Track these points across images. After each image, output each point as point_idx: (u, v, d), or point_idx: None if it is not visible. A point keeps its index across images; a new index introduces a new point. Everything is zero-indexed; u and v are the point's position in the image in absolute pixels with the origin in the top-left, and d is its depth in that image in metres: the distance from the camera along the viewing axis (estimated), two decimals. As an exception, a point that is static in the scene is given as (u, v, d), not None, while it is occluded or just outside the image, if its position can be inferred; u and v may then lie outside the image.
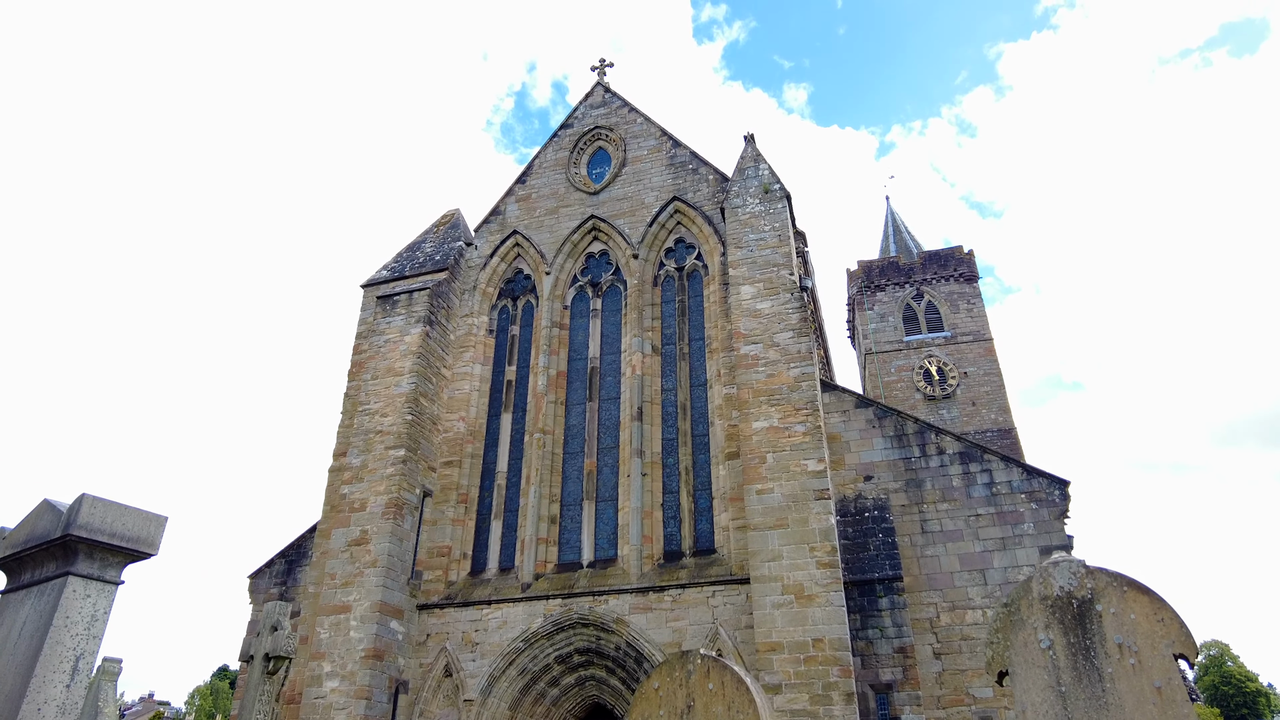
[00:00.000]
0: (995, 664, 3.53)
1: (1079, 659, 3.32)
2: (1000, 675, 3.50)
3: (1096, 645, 3.30)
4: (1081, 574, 3.44)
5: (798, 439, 15.40)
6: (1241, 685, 65.00)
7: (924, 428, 16.42)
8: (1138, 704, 3.16)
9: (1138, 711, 3.15)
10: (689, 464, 17.44)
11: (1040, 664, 3.40)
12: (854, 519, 15.50)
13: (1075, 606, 3.39)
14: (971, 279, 36.56)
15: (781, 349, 16.48)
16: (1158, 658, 3.19)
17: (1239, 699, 64.09)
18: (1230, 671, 65.70)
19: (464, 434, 18.95)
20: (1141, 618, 3.27)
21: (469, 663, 16.45)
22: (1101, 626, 3.32)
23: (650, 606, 15.79)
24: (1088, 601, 3.38)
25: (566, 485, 18.18)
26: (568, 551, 17.46)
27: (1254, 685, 65.57)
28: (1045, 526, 14.87)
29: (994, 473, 15.49)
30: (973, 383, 33.74)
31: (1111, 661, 3.26)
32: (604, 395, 18.87)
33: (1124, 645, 3.26)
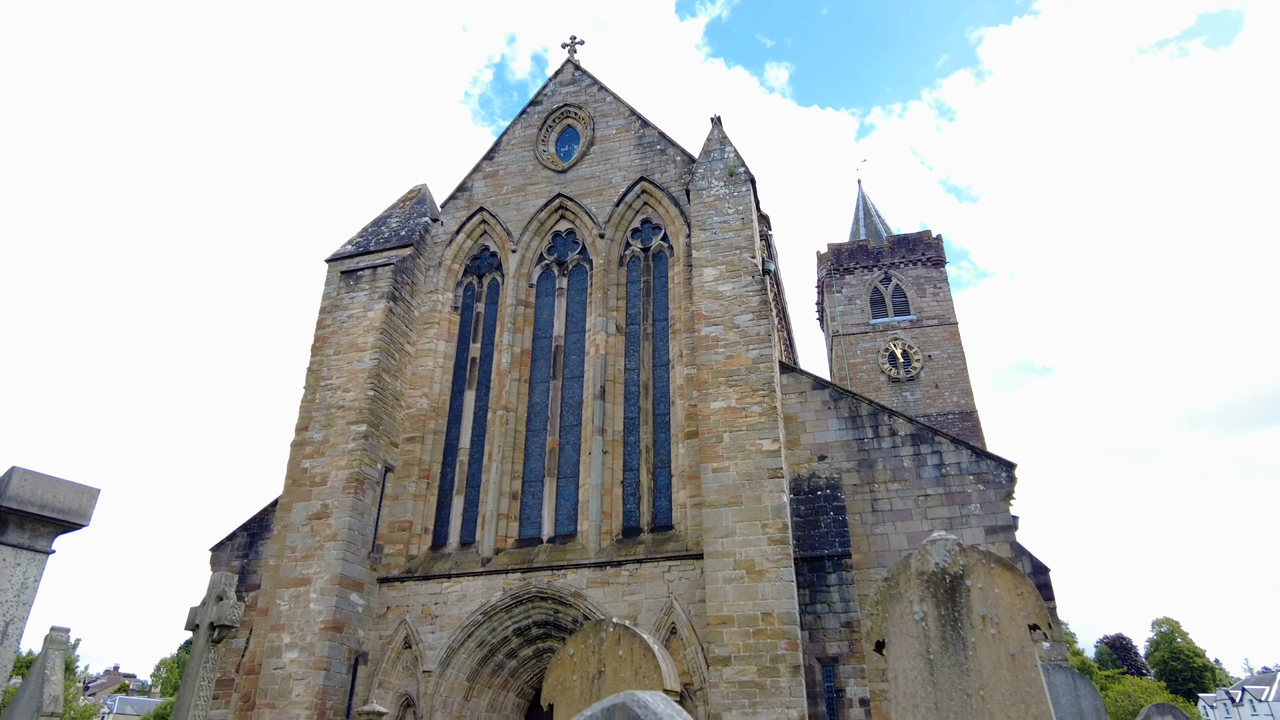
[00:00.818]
0: (873, 634, 3.79)
1: (948, 629, 3.60)
2: (878, 644, 3.77)
3: (964, 617, 3.58)
4: (955, 552, 3.70)
5: (754, 419, 15.70)
6: (1189, 660, 67.26)
7: (877, 409, 16.80)
8: (994, 669, 3.44)
9: (994, 676, 3.43)
10: (649, 442, 17.71)
11: (914, 634, 3.67)
12: (807, 497, 15.87)
13: (948, 582, 3.66)
14: (939, 263, 37.08)
15: (741, 331, 16.73)
16: (1015, 628, 3.47)
17: (1186, 673, 66.34)
18: (1179, 647, 67.89)
19: (427, 410, 19.05)
20: (1004, 592, 3.55)
21: (428, 635, 16.70)
22: (969, 600, 3.59)
23: (607, 581, 16.10)
24: (959, 577, 3.65)
25: (528, 462, 18.38)
26: (528, 527, 17.70)
27: (1201, 660, 67.87)
28: (991, 507, 15.34)
29: (944, 454, 15.91)
30: (936, 366, 34.35)
31: (975, 631, 3.53)
32: (568, 374, 19.04)
33: (987, 617, 3.54)
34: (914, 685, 3.59)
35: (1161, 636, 70.30)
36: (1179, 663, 66.65)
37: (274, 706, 15.53)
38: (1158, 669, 68.80)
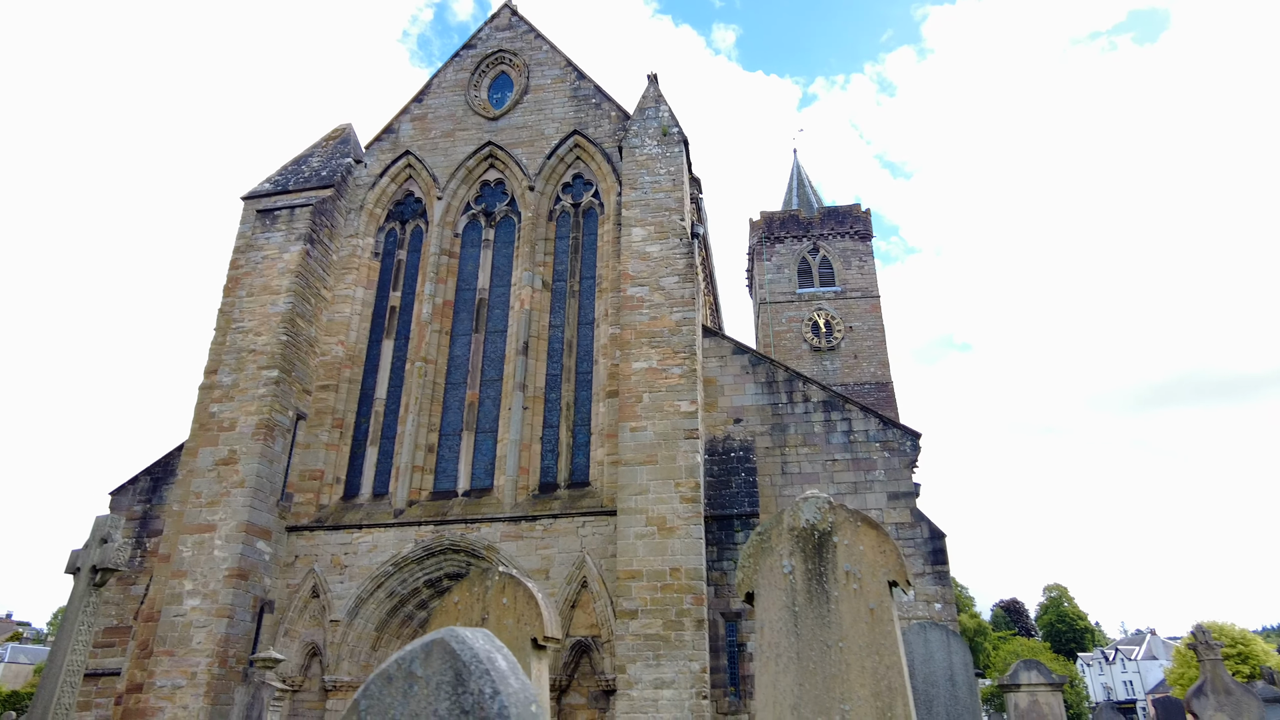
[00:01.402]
0: (744, 585, 3.92)
1: (813, 583, 3.74)
2: (749, 595, 3.90)
3: (829, 571, 3.73)
4: (826, 509, 3.84)
5: (674, 381, 15.86)
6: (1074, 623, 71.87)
7: (793, 376, 17.17)
8: (854, 622, 3.61)
9: (853, 629, 3.60)
10: (571, 400, 17.71)
11: (781, 586, 3.80)
12: (721, 458, 16.19)
13: (816, 537, 3.80)
14: (866, 237, 37.82)
15: (666, 293, 16.79)
16: (876, 583, 3.64)
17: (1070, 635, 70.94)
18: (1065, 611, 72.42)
19: (342, 358, 18.60)
20: (868, 549, 3.70)
21: (337, 584, 16.52)
22: (835, 555, 3.74)
23: (521, 535, 16.17)
24: (827, 534, 3.79)
25: (446, 415, 18.18)
26: (444, 480, 17.58)
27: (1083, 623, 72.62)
28: (895, 474, 15.95)
29: (853, 421, 16.41)
30: (857, 337, 35.23)
31: (839, 585, 3.69)
32: (490, 327, 18.82)
33: (851, 572, 3.69)
34: (778, 635, 3.73)
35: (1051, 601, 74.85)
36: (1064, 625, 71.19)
37: (173, 654, 15.18)
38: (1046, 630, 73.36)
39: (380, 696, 1.76)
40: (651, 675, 13.78)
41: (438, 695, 1.69)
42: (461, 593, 4.64)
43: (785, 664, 3.68)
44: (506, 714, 1.62)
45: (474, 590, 4.60)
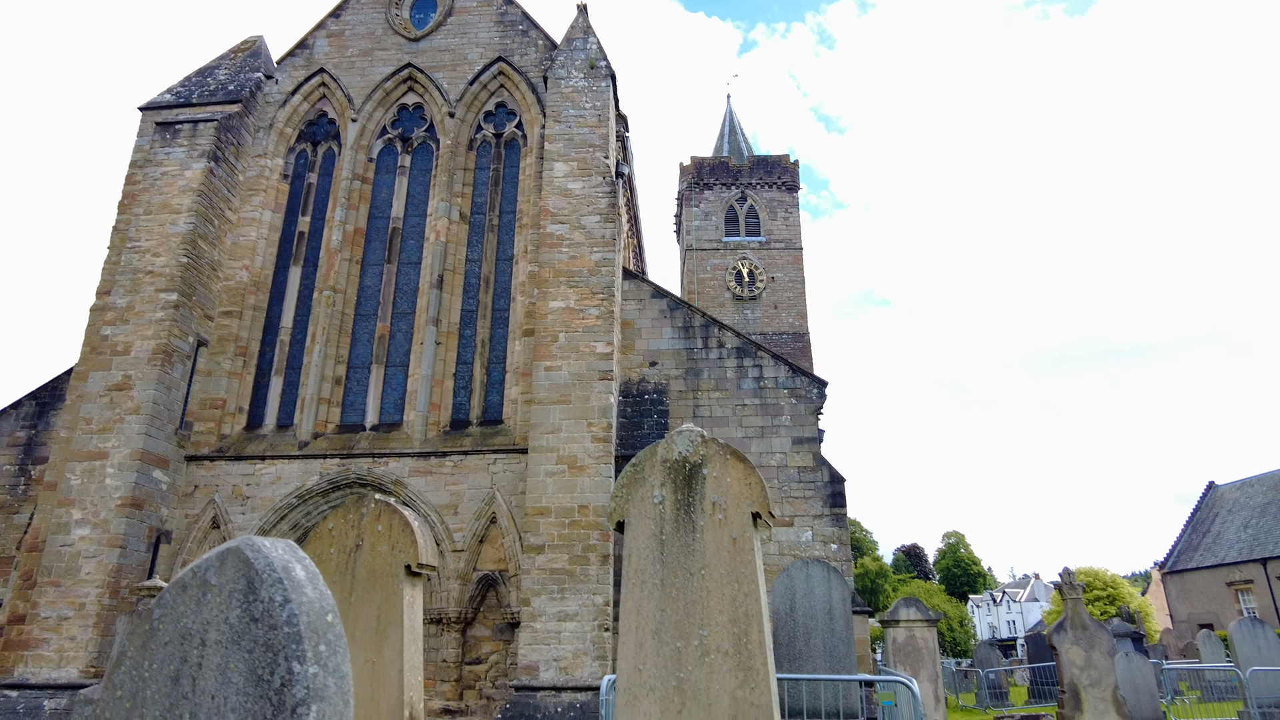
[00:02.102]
0: (615, 514, 3.97)
1: (681, 513, 3.81)
2: (620, 524, 3.95)
3: (697, 502, 3.80)
4: (698, 442, 3.89)
5: (591, 322, 15.80)
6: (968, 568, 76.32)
7: (709, 322, 17.32)
8: (716, 551, 3.70)
9: (715, 557, 3.69)
10: (486, 337, 17.46)
11: (651, 516, 3.86)
12: (634, 400, 16.31)
13: (688, 469, 3.86)
14: (793, 188, 38.05)
15: (587, 232, 16.59)
16: (739, 514, 3.73)
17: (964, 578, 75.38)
18: (961, 557, 76.76)
19: (247, 284, 17.82)
20: (735, 481, 3.78)
21: (238, 515, 16.13)
22: (704, 487, 3.81)
23: (431, 471, 16.04)
24: (698, 466, 3.85)
25: (355, 347, 17.71)
26: (351, 413, 17.21)
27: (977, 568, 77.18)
28: (801, 420, 16.38)
29: (764, 368, 16.72)
30: (778, 288, 35.71)
31: (705, 516, 3.76)
32: (404, 259, 18.28)
33: (717, 503, 3.77)
34: (645, 563, 3.80)
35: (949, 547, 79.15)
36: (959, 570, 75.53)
37: (59, 585, 14.65)
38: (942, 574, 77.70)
39: (174, 605, 1.69)
40: (556, 608, 14.02)
41: (229, 603, 1.63)
42: (336, 519, 4.56)
43: (650, 590, 3.76)
44: (295, 622, 1.58)
45: (349, 517, 4.52)
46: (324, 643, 1.59)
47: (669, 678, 3.59)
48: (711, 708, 3.51)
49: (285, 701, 1.53)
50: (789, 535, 15.62)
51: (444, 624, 15.33)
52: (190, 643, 1.62)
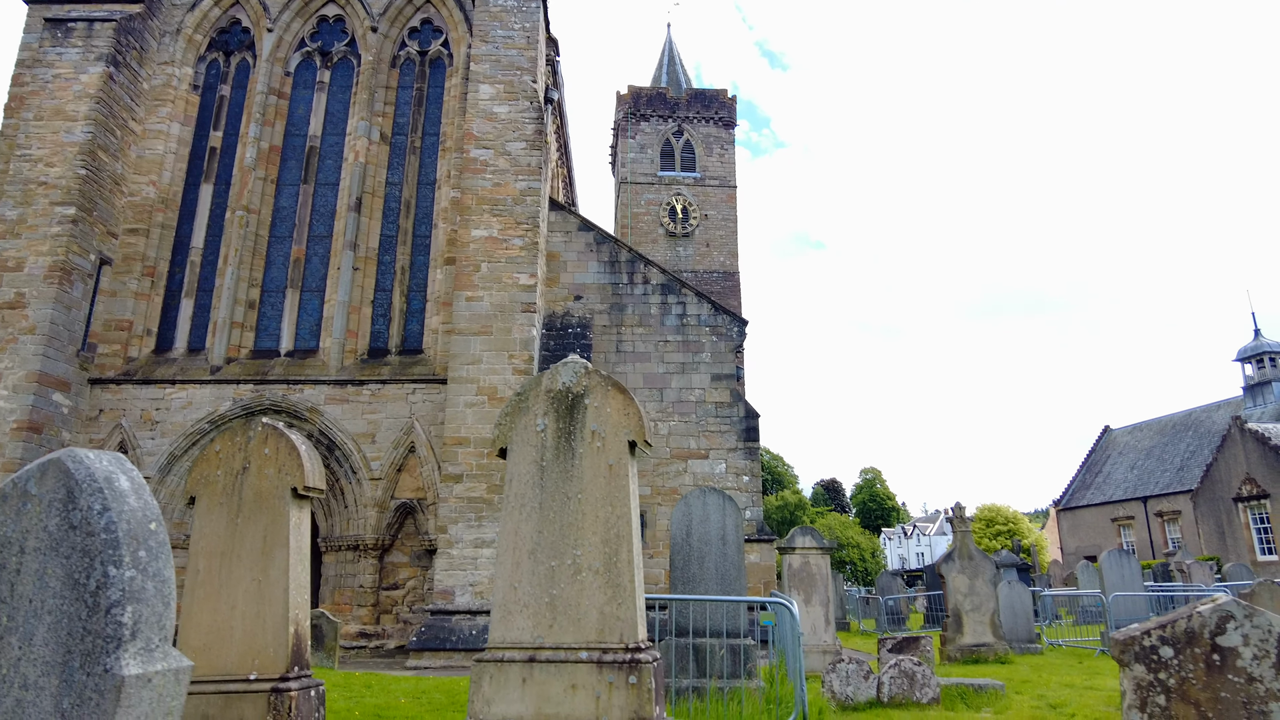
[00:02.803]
0: (499, 441, 4.08)
1: (562, 441, 3.94)
2: (503, 451, 4.06)
3: (578, 430, 3.92)
4: (582, 373, 4.00)
5: (514, 252, 15.63)
6: (883, 502, 79.82)
7: (636, 257, 17.34)
8: (594, 476, 3.85)
9: (592, 483, 3.84)
10: (406, 264, 17.12)
11: (533, 443, 3.98)
12: (558, 333, 16.34)
13: (570, 399, 3.97)
14: (729, 125, 37.82)
15: (512, 159, 16.26)
16: (617, 442, 3.88)
17: (879, 512, 78.90)
18: (877, 492, 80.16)
19: (154, 200, 16.96)
20: (614, 411, 3.91)
21: (147, 441, 15.71)
22: (585, 416, 3.93)
23: (348, 399, 15.85)
24: (580, 396, 3.96)
25: (270, 271, 17.15)
26: (265, 338, 16.77)
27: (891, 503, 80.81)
28: (721, 357, 16.71)
29: (687, 305, 16.91)
30: (711, 225, 35.79)
31: (584, 443, 3.90)
32: (321, 179, 17.63)
33: (596, 431, 3.90)
34: (525, 487, 3.93)
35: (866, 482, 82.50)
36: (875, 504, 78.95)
37: (-50, 506, 14.10)
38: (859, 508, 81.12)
39: (-5, 515, 1.72)
40: (473, 535, 14.23)
41: (49, 512, 1.67)
42: (223, 442, 4.54)
43: (528, 513, 3.90)
44: (114, 529, 1.63)
45: (236, 440, 4.51)
46: (144, 549, 1.65)
47: (542, 595, 3.77)
48: (581, 622, 3.70)
49: (100, 603, 1.59)
50: (704, 467, 16.09)
51: (361, 550, 15.41)
52: (9, 550, 1.66)
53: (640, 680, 3.54)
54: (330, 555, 15.80)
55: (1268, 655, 3.07)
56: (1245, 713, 3.06)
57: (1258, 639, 3.08)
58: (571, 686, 3.59)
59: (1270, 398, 34.14)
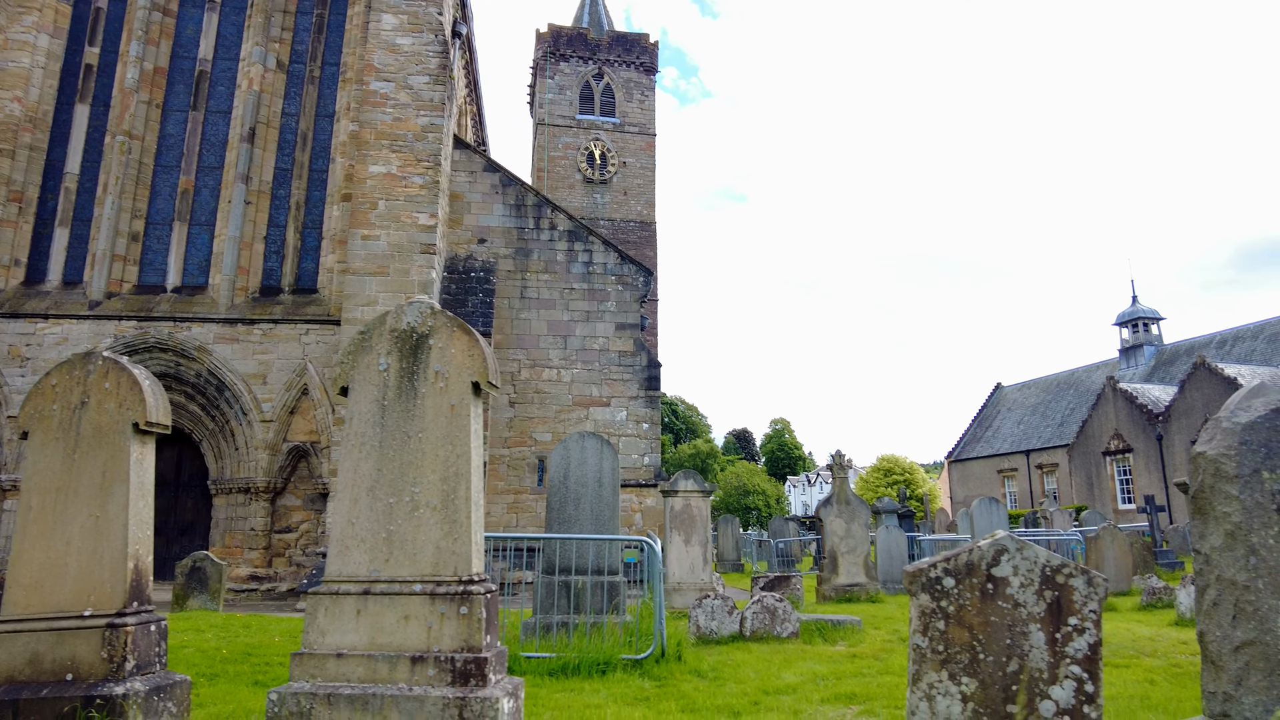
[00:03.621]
0: (340, 380, 4.07)
1: (404, 380, 3.96)
2: (344, 389, 4.07)
3: (421, 370, 3.95)
4: (427, 313, 4.01)
5: (414, 190, 15.24)
6: (791, 452, 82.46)
7: (543, 202, 17.14)
8: (435, 416, 3.90)
9: (433, 422, 3.90)
10: (302, 199, 16.47)
11: (375, 382, 3.99)
12: (460, 277, 16.10)
13: (414, 339, 3.99)
14: (650, 70, 37.31)
15: (414, 93, 15.73)
16: (460, 383, 3.93)
17: (786, 461, 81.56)
18: (786, 442, 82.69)
19: (20, 118, 15.74)
20: (459, 352, 3.96)
21: (17, 378, 14.85)
22: (429, 356, 3.96)
23: (238, 338, 15.33)
24: (425, 336, 3.98)
25: (156, 202, 16.24)
26: (151, 273, 15.97)
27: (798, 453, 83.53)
28: (626, 307, 16.81)
29: (594, 253, 16.88)
30: (630, 173, 35.53)
31: (427, 384, 3.94)
32: (212, 107, 16.68)
33: (440, 372, 3.95)
34: (366, 426, 3.95)
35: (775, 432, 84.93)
36: (783, 453, 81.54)
37: None
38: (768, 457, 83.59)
39: None
40: (367, 479, 14.10)
41: None
42: (60, 375, 4.38)
43: (368, 451, 3.93)
44: None
45: (74, 374, 4.35)
46: None
47: (380, 530, 3.83)
48: (417, 556, 3.79)
49: None
50: (605, 414, 16.30)
51: (252, 493, 15.10)
52: None
53: (471, 611, 3.66)
54: (221, 498, 15.43)
55: (1032, 583, 3.41)
56: (1009, 635, 3.41)
57: (1025, 569, 3.42)
58: (405, 617, 3.69)
59: (1142, 359, 36.62)
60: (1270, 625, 3.60)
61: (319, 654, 3.70)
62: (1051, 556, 3.42)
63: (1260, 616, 3.62)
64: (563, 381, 16.38)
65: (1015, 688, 3.40)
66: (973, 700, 3.42)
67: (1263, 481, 3.75)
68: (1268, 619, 3.61)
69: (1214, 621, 3.90)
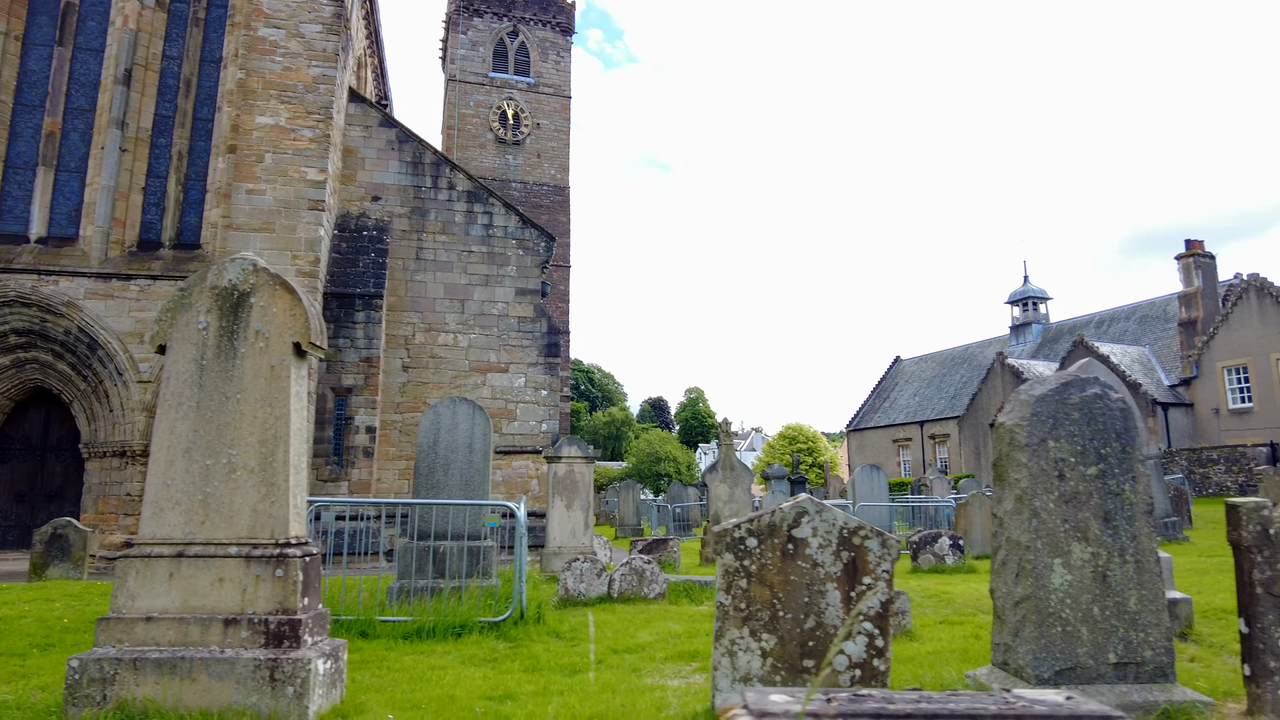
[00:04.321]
0: (158, 338, 3.93)
1: (224, 339, 3.85)
2: (161, 348, 3.93)
3: (241, 330, 3.85)
4: (250, 271, 3.90)
5: (303, 144, 14.64)
6: (704, 420, 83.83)
7: (441, 160, 16.72)
8: (254, 377, 3.82)
9: (252, 383, 3.81)
10: (185, 149, 15.60)
11: (194, 341, 3.87)
12: (352, 235, 15.61)
13: (235, 297, 3.87)
14: (567, 31, 36.60)
15: (306, 42, 15.04)
16: (281, 343, 3.85)
17: (700, 429, 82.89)
18: (700, 410, 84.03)
19: None
20: (280, 312, 3.87)
21: None
22: (249, 315, 3.86)
23: (113, 294, 14.51)
24: (246, 294, 3.87)
25: (16, 144, 15.10)
26: (10, 221, 14.89)
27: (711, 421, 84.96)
28: (526, 272, 16.65)
29: (494, 216, 16.61)
30: (543, 135, 34.94)
31: (247, 343, 3.84)
32: (82, 44, 15.55)
33: (260, 331, 3.85)
34: (183, 386, 3.83)
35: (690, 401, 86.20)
36: (696, 421, 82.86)
37: None
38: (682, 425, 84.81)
39: None
40: (250, 443, 13.65)
41: None
42: None
43: (185, 412, 3.81)
44: None
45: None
46: None
47: (196, 492, 3.74)
48: (233, 519, 3.72)
49: None
50: (503, 380, 16.19)
51: (128, 457, 14.42)
52: None
53: (287, 574, 3.63)
54: (94, 462, 14.69)
55: (830, 544, 3.61)
56: (807, 593, 3.60)
57: (824, 530, 3.61)
58: (219, 580, 3.63)
59: (1030, 337, 38.64)
60: (1045, 581, 3.91)
61: (128, 618, 3.61)
62: (849, 519, 3.62)
63: (1037, 574, 3.92)
64: (459, 347, 16.16)
65: (812, 644, 3.59)
66: (771, 656, 3.60)
67: (1048, 450, 4.05)
68: (1043, 576, 3.92)
69: (1001, 579, 4.21)
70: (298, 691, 3.40)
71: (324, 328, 4.08)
